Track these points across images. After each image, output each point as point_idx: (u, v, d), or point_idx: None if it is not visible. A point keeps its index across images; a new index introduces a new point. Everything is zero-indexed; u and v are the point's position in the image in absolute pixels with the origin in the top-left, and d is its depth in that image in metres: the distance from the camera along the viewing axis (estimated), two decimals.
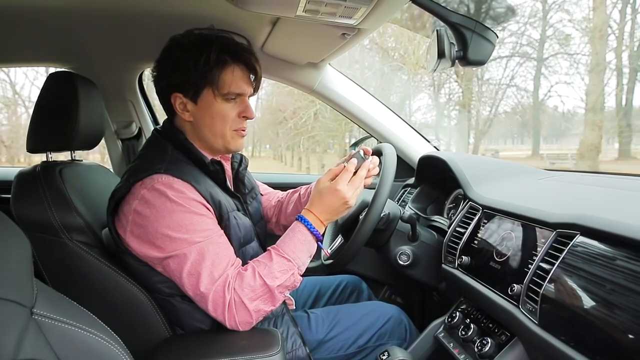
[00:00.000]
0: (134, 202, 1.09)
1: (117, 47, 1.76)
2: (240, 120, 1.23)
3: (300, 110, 11.38)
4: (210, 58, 1.15)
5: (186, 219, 1.07)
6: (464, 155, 1.67)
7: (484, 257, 1.22)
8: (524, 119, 15.44)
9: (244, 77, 1.21)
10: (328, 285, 1.71)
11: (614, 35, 11.79)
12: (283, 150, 15.63)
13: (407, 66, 11.14)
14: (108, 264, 1.15)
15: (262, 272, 1.10)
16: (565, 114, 14.96)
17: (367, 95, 2.01)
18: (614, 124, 12.24)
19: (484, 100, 12.94)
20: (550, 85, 14.37)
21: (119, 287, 1.15)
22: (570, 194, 1.22)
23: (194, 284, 1.06)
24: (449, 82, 12.62)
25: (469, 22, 1.10)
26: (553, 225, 1.01)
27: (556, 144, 16.43)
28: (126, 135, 2.11)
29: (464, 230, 1.35)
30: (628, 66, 11.99)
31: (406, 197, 1.96)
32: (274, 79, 1.96)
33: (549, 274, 0.93)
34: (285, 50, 1.74)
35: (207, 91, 1.17)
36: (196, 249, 1.07)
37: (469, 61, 1.12)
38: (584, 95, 12.35)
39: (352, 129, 11.00)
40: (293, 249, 1.15)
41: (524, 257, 1.07)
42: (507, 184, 1.44)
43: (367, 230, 1.29)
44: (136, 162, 1.20)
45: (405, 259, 1.50)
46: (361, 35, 1.36)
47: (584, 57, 12.61)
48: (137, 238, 1.09)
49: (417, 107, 13.34)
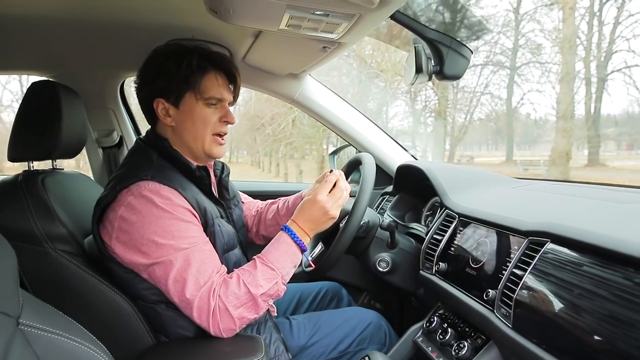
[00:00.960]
0: (120, 209, 1.10)
1: (99, 56, 1.76)
2: (221, 125, 1.26)
3: (279, 117, 11.38)
4: (192, 63, 1.19)
5: (172, 226, 1.08)
6: (441, 164, 1.72)
7: (460, 264, 1.27)
8: (498, 126, 15.72)
9: (224, 85, 1.25)
10: (309, 292, 1.73)
11: (582, 46, 12.11)
12: (261, 156, 15.58)
13: (384, 74, 11.25)
14: (91, 272, 1.15)
15: (246, 280, 1.11)
16: (537, 121, 15.31)
17: (346, 104, 2.04)
18: (584, 131, 12.57)
19: (459, 107, 13.14)
20: (523, 93, 14.71)
21: (102, 295, 1.14)
22: (541, 203, 1.28)
23: (180, 290, 1.07)
24: (425, 89, 12.77)
25: (445, 38, 1.15)
26: (525, 233, 1.06)
27: (529, 150, 16.77)
28: (107, 144, 2.10)
29: (440, 237, 1.40)
30: (596, 76, 12.35)
31: (384, 205, 1.99)
32: (255, 88, 1.98)
33: (521, 280, 0.98)
34: (266, 62, 1.77)
35: (189, 95, 1.21)
36: (182, 255, 1.08)
37: (445, 76, 1.17)
38: (555, 103, 12.64)
39: (329, 136, 11.02)
40: (278, 258, 1.17)
41: (498, 263, 1.12)
42: (481, 192, 1.50)
43: (347, 238, 1.32)
44: (122, 169, 1.21)
45: (385, 266, 1.54)
46: (341, 48, 1.39)
47: (554, 66, 12.92)
48: (123, 244, 1.10)
49: (394, 114, 13.49)
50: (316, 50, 1.42)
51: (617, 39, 12.09)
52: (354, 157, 1.54)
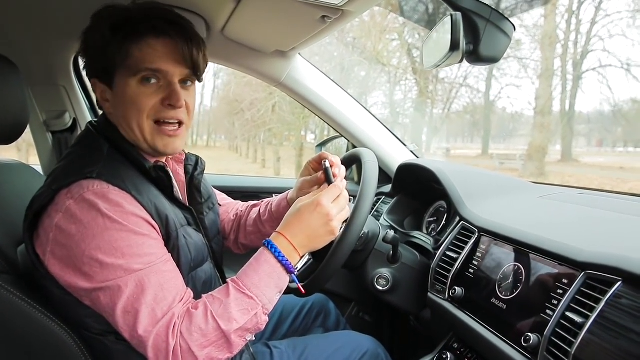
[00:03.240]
0: (56, 216, 0.86)
1: (42, 21, 1.46)
2: (164, 109, 0.96)
3: (258, 102, 11.26)
4: (104, 31, 0.92)
5: (122, 240, 0.85)
6: (453, 165, 1.50)
7: (483, 292, 1.04)
8: (475, 119, 15.96)
9: (167, 54, 0.94)
10: (292, 306, 1.50)
11: (560, 44, 12.35)
12: (239, 141, 15.51)
13: (367, 62, 11.19)
14: (19, 294, 0.91)
15: (216, 312, 0.87)
16: (513, 115, 15.59)
17: (340, 91, 1.81)
18: (558, 127, 12.85)
19: (438, 98, 13.21)
20: (500, 87, 14.91)
21: (34, 324, 0.92)
22: (589, 222, 1.06)
23: (131, 324, 0.84)
24: (405, 78, 12.79)
25: (483, 8, 0.89)
26: (581, 265, 0.83)
27: (503, 144, 17.11)
28: (58, 127, 1.84)
29: (456, 255, 1.17)
30: (572, 73, 12.64)
31: (380, 207, 1.77)
32: (235, 67, 1.72)
33: (582, 330, 0.75)
34: (250, 35, 1.50)
35: (119, 73, 0.94)
36: (134, 279, 0.85)
37: (481, 57, 0.92)
38: (533, 98, 12.88)
39: (309, 124, 10.93)
40: (257, 283, 0.92)
41: (540, 299, 0.89)
42: (504, 201, 1.28)
43: (344, 253, 1.08)
44: (63, 162, 0.96)
45: (384, 284, 1.31)
46: (344, 19, 1.15)
47: (532, 62, 13.16)
48: (60, 262, 0.86)
49: (372, 104, 13.43)
50: (313, 20, 1.17)
51: (593, 38, 12.38)
52: (352, 152, 1.32)
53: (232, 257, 1.41)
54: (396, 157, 1.84)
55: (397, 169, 1.68)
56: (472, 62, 0.94)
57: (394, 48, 12.17)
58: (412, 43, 11.58)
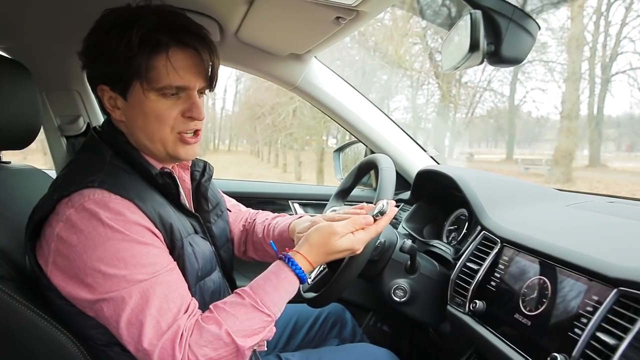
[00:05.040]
0: (57, 226, 0.84)
1: (55, 26, 1.45)
2: (186, 121, 0.94)
3: (279, 107, 11.32)
4: (132, 40, 0.86)
5: (125, 250, 0.82)
6: (473, 172, 1.43)
7: (506, 306, 0.98)
8: (499, 123, 15.71)
9: (189, 66, 0.91)
10: (306, 315, 1.47)
11: (588, 46, 12.07)
12: (260, 145, 15.65)
13: (389, 65, 11.13)
14: (26, 302, 0.89)
15: (231, 329, 0.84)
16: (539, 119, 15.26)
17: (357, 95, 1.76)
18: (586, 131, 12.54)
19: (461, 102, 13.05)
20: (525, 91, 14.62)
21: (40, 333, 0.89)
22: (618, 233, 0.99)
23: (136, 336, 0.81)
24: (428, 82, 12.68)
25: (505, 6, 0.84)
26: (613, 281, 0.76)
27: (528, 148, 16.78)
28: (72, 132, 1.83)
29: (477, 266, 1.11)
30: (600, 76, 12.31)
31: (398, 215, 1.71)
32: (250, 71, 1.69)
33: (615, 353, 0.69)
34: (264, 38, 1.47)
35: (136, 84, 0.89)
36: (138, 290, 0.82)
37: (503, 58, 0.86)
38: (559, 102, 12.61)
39: (330, 128, 10.92)
40: (276, 301, 0.90)
41: (567, 316, 0.82)
42: (528, 210, 1.20)
43: (359, 264, 1.04)
44: (65, 170, 0.95)
45: (402, 295, 1.25)
46: (359, 20, 1.11)
47: (558, 65, 12.90)
48: (62, 273, 0.84)
49: (394, 108, 13.33)
50: (327, 22, 1.13)
51: (623, 39, 12.04)
52: (368, 158, 1.28)
53: (242, 263, 1.37)
54: (415, 163, 1.79)
55: (416, 175, 1.62)
56: (494, 64, 0.89)
57: (416, 52, 12.08)
58: (434, 47, 11.47)
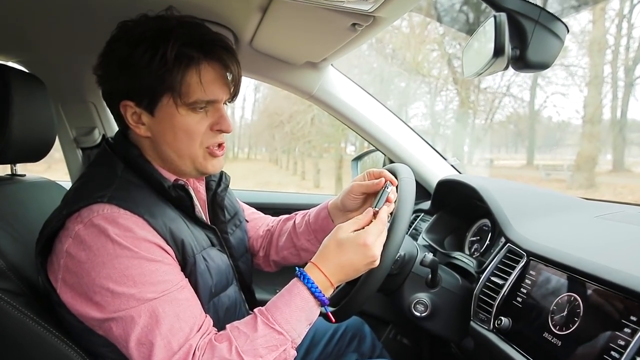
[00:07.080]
0: (67, 241, 0.82)
1: (73, 38, 1.44)
2: (214, 135, 0.93)
3: (298, 115, 11.37)
4: (167, 55, 0.84)
5: (134, 268, 0.80)
6: (496, 181, 1.38)
7: (533, 324, 0.92)
8: (519, 128, 15.47)
9: (217, 79, 0.90)
10: (324, 330, 1.42)
11: (610, 49, 11.84)
12: (279, 153, 15.74)
13: (407, 72, 11.10)
14: (36, 318, 0.88)
15: (241, 348, 0.81)
16: (560, 124, 14.99)
17: (375, 103, 1.72)
18: (609, 136, 12.28)
19: (480, 108, 12.90)
20: (546, 96, 14.39)
21: (50, 349, 0.88)
22: None
23: (146, 357, 0.79)
24: (446, 89, 12.58)
25: (531, 9, 0.80)
26: None
27: (549, 154, 16.45)
28: (87, 144, 1.82)
29: (501, 281, 1.05)
30: (624, 80, 12.05)
31: (419, 225, 1.66)
32: (266, 80, 1.66)
33: None
34: (279, 46, 1.44)
35: (166, 99, 0.87)
36: (148, 309, 0.80)
37: (529, 63, 0.81)
38: (581, 106, 12.37)
39: (348, 135, 10.90)
40: (288, 317, 0.85)
41: (602, 337, 0.77)
42: (556, 221, 1.15)
43: (379, 278, 0.99)
44: (76, 184, 0.93)
45: (422, 310, 1.20)
46: (376, 26, 1.07)
47: (580, 69, 12.69)
48: (71, 290, 0.82)
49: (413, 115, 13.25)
50: (343, 28, 1.10)
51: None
52: (387, 168, 1.23)
53: (262, 276, 1.34)
54: (436, 172, 1.73)
55: (437, 184, 1.57)
56: (519, 69, 0.84)
57: (434, 58, 11.99)
58: (452, 53, 11.37)
